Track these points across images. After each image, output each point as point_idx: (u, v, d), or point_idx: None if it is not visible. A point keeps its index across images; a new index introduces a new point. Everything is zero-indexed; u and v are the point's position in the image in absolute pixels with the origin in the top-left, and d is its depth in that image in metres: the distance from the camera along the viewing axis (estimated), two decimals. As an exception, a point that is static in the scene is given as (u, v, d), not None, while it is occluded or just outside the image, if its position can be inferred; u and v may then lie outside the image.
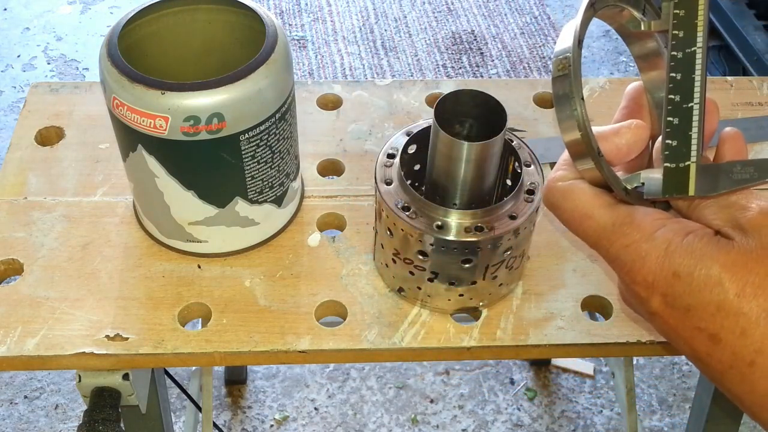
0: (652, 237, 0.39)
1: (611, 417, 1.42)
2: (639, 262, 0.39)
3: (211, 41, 0.71)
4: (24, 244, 0.71)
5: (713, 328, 0.37)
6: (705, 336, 0.38)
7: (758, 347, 0.36)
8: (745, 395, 0.38)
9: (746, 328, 0.36)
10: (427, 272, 0.63)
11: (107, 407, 0.66)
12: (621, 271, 0.41)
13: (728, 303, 0.37)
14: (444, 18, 2.28)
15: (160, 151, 0.62)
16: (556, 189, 0.43)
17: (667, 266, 0.38)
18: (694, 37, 0.43)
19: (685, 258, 0.38)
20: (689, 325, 0.38)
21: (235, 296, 0.68)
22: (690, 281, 0.38)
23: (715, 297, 0.37)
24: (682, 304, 0.38)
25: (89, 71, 2.13)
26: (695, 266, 0.38)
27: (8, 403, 1.43)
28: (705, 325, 0.38)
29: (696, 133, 0.42)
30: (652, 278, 0.39)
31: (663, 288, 0.39)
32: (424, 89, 0.87)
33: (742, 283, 0.37)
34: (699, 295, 0.37)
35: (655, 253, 0.39)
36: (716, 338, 0.37)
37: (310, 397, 1.44)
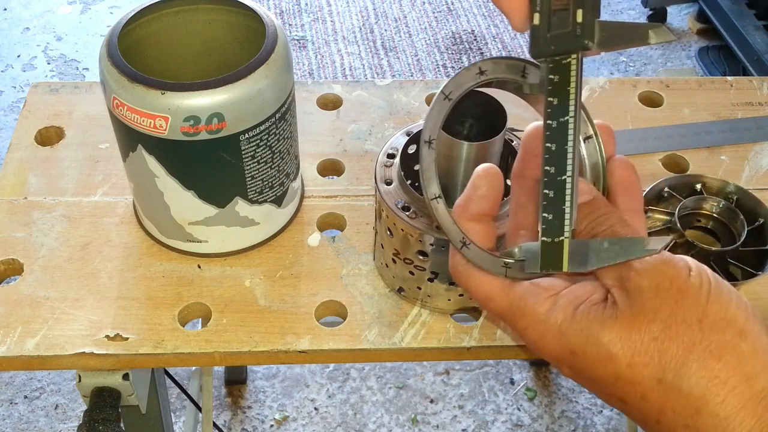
0: (545, 319, 0.42)
1: (611, 417, 1.42)
2: (541, 342, 0.42)
3: (211, 41, 0.71)
4: (24, 244, 0.71)
5: (619, 394, 0.40)
6: (615, 399, 0.41)
7: (659, 408, 0.39)
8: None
9: (644, 394, 0.39)
10: (427, 272, 0.63)
11: (107, 407, 0.66)
12: (529, 347, 0.44)
13: (623, 374, 0.39)
14: (444, 18, 2.29)
15: (160, 151, 0.62)
16: (457, 272, 0.45)
17: (564, 345, 0.41)
18: (567, 106, 0.42)
19: (576, 337, 0.41)
20: (599, 391, 0.42)
21: (235, 296, 0.68)
22: (585, 358, 0.40)
23: (611, 370, 0.40)
24: (587, 376, 0.41)
25: (89, 71, 2.13)
26: (586, 344, 0.40)
27: (8, 403, 1.43)
28: (611, 391, 0.41)
29: (569, 208, 0.42)
30: (555, 355, 0.42)
31: (567, 362, 0.42)
32: (424, 89, 0.87)
33: (630, 353, 0.39)
34: (597, 370, 0.40)
35: (551, 334, 0.42)
36: (624, 401, 0.40)
37: (310, 397, 1.44)
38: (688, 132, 0.83)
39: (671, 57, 2.18)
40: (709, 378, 0.38)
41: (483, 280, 0.44)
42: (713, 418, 0.38)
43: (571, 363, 0.41)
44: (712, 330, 0.39)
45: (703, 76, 1.80)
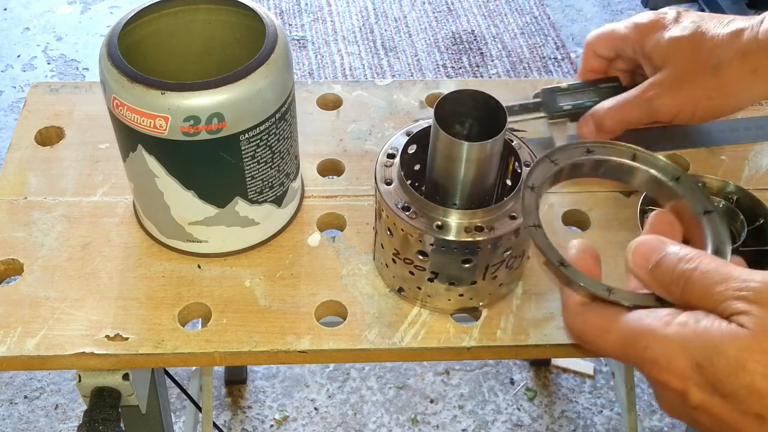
0: (665, 335, 0.40)
1: (611, 417, 1.42)
2: (663, 361, 0.40)
3: (211, 41, 0.71)
4: (24, 244, 0.71)
5: (756, 408, 0.38)
6: (752, 418, 0.38)
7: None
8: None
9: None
10: (427, 272, 0.63)
11: (107, 407, 0.66)
12: (651, 371, 0.41)
13: (757, 385, 0.37)
14: (444, 18, 2.29)
15: (160, 151, 0.62)
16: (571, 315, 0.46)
17: (688, 359, 0.39)
18: None
19: (701, 349, 0.39)
20: (732, 409, 0.39)
21: (235, 296, 0.68)
22: (713, 370, 0.38)
23: (743, 381, 0.37)
24: (718, 392, 0.39)
25: (89, 71, 2.13)
26: (713, 355, 0.38)
27: (8, 403, 1.43)
28: (746, 407, 0.38)
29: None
30: (680, 372, 0.40)
31: (695, 380, 0.39)
32: (424, 89, 0.87)
33: (762, 363, 0.37)
34: (728, 382, 0.38)
35: (672, 349, 0.40)
36: (761, 417, 0.38)
37: (310, 397, 1.44)
38: (688, 132, 0.83)
39: (671, 57, 2.18)
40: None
41: (596, 314, 0.44)
42: None
43: (699, 380, 0.39)
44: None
45: (703, 76, 1.79)
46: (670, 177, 0.50)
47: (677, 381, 0.40)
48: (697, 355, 0.39)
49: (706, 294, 0.40)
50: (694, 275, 0.41)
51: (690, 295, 0.41)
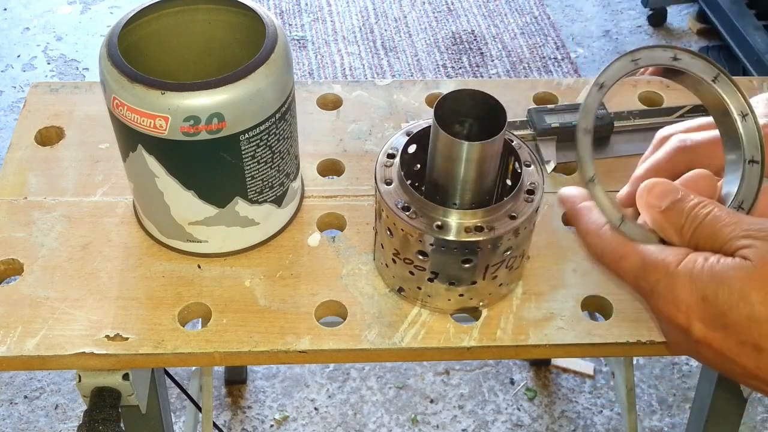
0: (676, 270, 0.42)
1: (611, 417, 1.42)
2: (671, 294, 0.42)
3: (211, 41, 0.71)
4: (24, 244, 0.71)
5: (753, 338, 0.39)
6: (749, 349, 0.40)
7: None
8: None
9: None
10: (427, 272, 0.63)
11: (107, 407, 0.66)
12: (658, 304, 0.43)
13: (757, 312, 0.39)
14: (444, 18, 2.29)
15: (160, 151, 0.62)
16: (592, 239, 0.47)
17: (695, 292, 0.41)
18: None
19: (708, 282, 0.40)
20: (732, 342, 0.40)
21: (235, 296, 0.68)
22: (716, 303, 0.40)
23: (744, 310, 0.39)
24: (719, 324, 0.40)
25: (89, 71, 2.13)
26: (718, 288, 0.40)
27: (8, 403, 1.43)
28: (745, 338, 0.40)
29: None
30: (685, 307, 0.41)
31: (698, 313, 0.41)
32: (424, 89, 0.87)
33: (764, 292, 0.39)
34: (730, 313, 0.39)
35: (681, 282, 0.42)
36: (759, 347, 0.39)
37: (310, 397, 1.44)
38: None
39: (671, 57, 2.18)
40: None
41: (616, 238, 0.45)
42: None
43: (702, 312, 0.41)
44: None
45: (703, 76, 1.79)
46: (738, 112, 0.50)
47: (682, 316, 0.42)
48: (703, 289, 0.41)
49: (715, 235, 0.42)
50: (706, 219, 0.43)
51: (699, 237, 0.43)
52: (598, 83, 0.49)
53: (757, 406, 1.44)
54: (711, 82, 0.49)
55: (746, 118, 0.49)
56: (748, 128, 0.49)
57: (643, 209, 0.46)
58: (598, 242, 0.47)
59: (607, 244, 0.46)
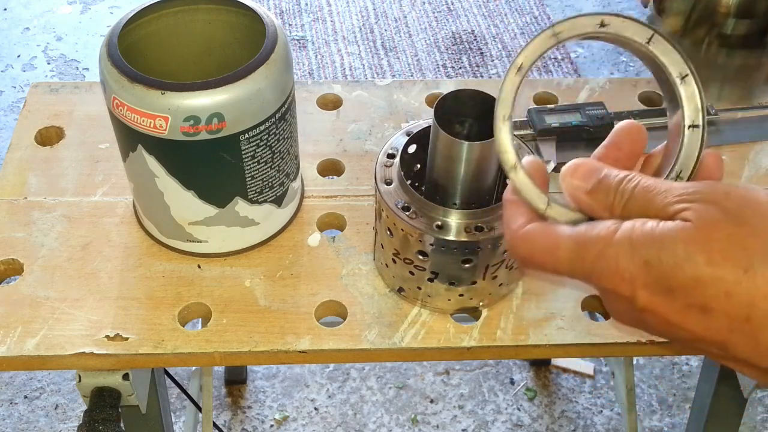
0: (613, 241, 0.41)
1: (611, 417, 1.42)
2: (612, 266, 0.40)
3: (211, 41, 0.71)
4: (24, 244, 0.71)
5: (700, 300, 0.38)
6: (695, 311, 0.38)
7: (747, 301, 0.37)
8: (753, 355, 0.38)
9: (729, 290, 0.37)
10: (427, 272, 0.63)
11: (107, 407, 0.66)
12: (600, 280, 0.42)
13: (703, 274, 0.37)
14: (444, 18, 2.28)
15: (160, 151, 0.62)
16: (517, 242, 0.45)
17: (637, 258, 0.39)
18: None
19: (649, 246, 0.39)
20: (678, 306, 0.39)
21: (235, 296, 0.68)
22: (660, 266, 0.38)
23: (689, 271, 0.38)
24: (663, 288, 0.39)
25: (89, 71, 2.13)
26: (660, 250, 0.39)
27: (8, 403, 1.43)
28: (691, 300, 0.38)
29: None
30: (628, 274, 0.40)
31: (642, 279, 0.39)
32: (424, 89, 0.87)
33: (708, 250, 0.37)
34: (674, 275, 0.38)
35: (623, 250, 0.40)
36: (706, 308, 0.38)
37: (310, 397, 1.44)
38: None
39: (671, 57, 2.18)
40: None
41: (541, 233, 0.43)
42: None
43: (645, 277, 0.39)
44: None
45: (703, 76, 1.79)
46: (677, 74, 0.46)
47: (625, 285, 0.40)
48: (645, 254, 0.39)
49: (648, 205, 0.41)
50: (635, 191, 0.42)
51: (631, 210, 0.42)
52: (516, 65, 0.46)
53: (757, 406, 1.44)
54: (646, 44, 0.45)
55: (686, 80, 0.45)
56: (689, 90, 0.45)
57: (569, 193, 0.44)
58: (525, 244, 0.44)
59: (536, 242, 0.44)
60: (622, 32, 0.46)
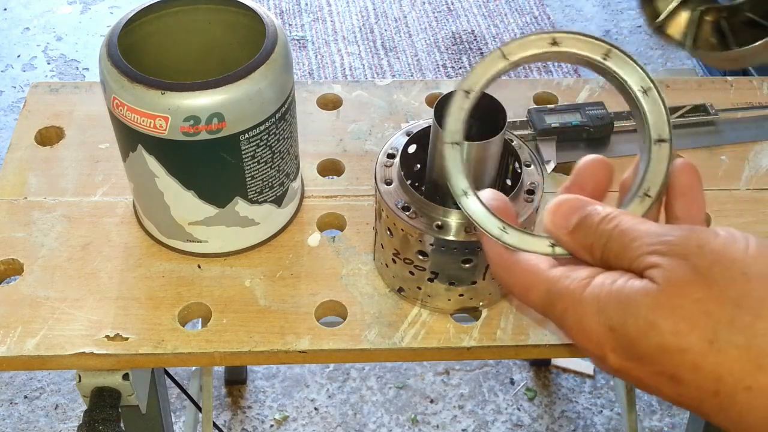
0: (582, 298, 0.39)
1: (611, 417, 1.42)
2: (579, 325, 0.39)
3: (211, 41, 0.71)
4: (24, 244, 0.71)
5: (669, 369, 0.36)
6: (666, 378, 0.37)
7: (715, 376, 0.35)
8: (727, 425, 0.37)
9: (696, 363, 0.35)
10: (427, 272, 0.63)
11: (107, 407, 0.66)
12: (569, 334, 0.41)
13: (668, 343, 0.36)
14: (444, 18, 2.28)
15: (160, 151, 0.62)
16: (498, 265, 0.43)
17: (603, 322, 0.38)
18: None
19: (614, 311, 0.37)
20: (648, 371, 0.37)
21: (235, 296, 0.68)
22: (626, 333, 0.37)
23: (654, 341, 0.36)
24: (632, 355, 0.37)
25: (89, 71, 2.13)
26: (625, 316, 0.37)
27: (8, 403, 1.43)
28: (661, 369, 0.37)
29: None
30: (595, 337, 0.38)
31: (610, 344, 0.38)
32: (424, 89, 0.87)
33: (672, 319, 0.36)
34: (640, 344, 0.37)
35: (589, 312, 0.38)
36: (676, 378, 0.36)
37: (310, 397, 1.44)
38: (688, 132, 0.83)
39: (671, 57, 2.18)
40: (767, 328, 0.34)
41: (523, 270, 0.42)
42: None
43: (613, 344, 0.38)
44: (760, 280, 0.35)
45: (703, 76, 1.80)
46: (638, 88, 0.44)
47: (593, 347, 0.39)
48: (610, 318, 0.37)
49: (624, 251, 0.39)
50: (614, 233, 0.40)
51: (609, 253, 0.40)
52: (464, 88, 0.44)
53: (757, 406, 1.43)
54: (602, 60, 0.43)
55: (648, 93, 0.43)
56: (651, 103, 0.43)
57: (551, 232, 0.42)
58: (504, 274, 0.43)
59: (515, 275, 0.42)
60: (575, 50, 0.44)
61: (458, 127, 0.44)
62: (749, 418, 0.35)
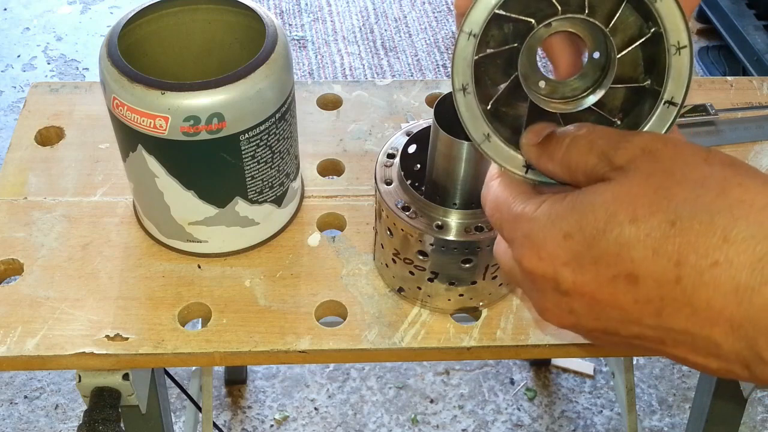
0: (534, 215, 0.37)
1: (611, 417, 1.42)
2: (530, 242, 0.37)
3: (211, 41, 0.71)
4: (24, 244, 0.71)
5: (626, 267, 0.34)
6: (623, 282, 0.34)
7: (677, 258, 0.33)
8: (691, 325, 0.34)
9: (657, 247, 0.33)
10: (427, 272, 0.63)
11: (107, 407, 0.66)
12: (522, 261, 0.38)
13: (626, 234, 0.34)
14: (444, 18, 2.28)
15: (160, 151, 0.62)
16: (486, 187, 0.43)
17: (556, 232, 0.36)
18: None
19: (569, 216, 0.36)
20: (603, 279, 0.35)
21: (235, 296, 0.68)
22: (582, 234, 0.35)
23: (612, 235, 0.34)
24: (587, 261, 0.35)
25: (89, 71, 2.13)
26: (581, 218, 0.35)
27: (8, 403, 1.43)
28: (617, 270, 0.34)
29: None
30: (546, 253, 0.36)
31: (563, 256, 0.36)
32: (424, 89, 0.87)
33: (631, 207, 0.34)
34: (597, 243, 0.34)
35: (541, 225, 0.37)
36: (633, 277, 0.34)
37: (310, 397, 1.44)
38: (688, 132, 0.83)
39: (671, 57, 2.18)
40: (732, 203, 0.33)
41: (497, 193, 0.41)
42: (747, 242, 0.32)
43: (567, 253, 0.35)
44: (722, 166, 0.34)
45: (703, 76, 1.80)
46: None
47: (544, 265, 0.36)
48: (564, 226, 0.36)
49: (588, 150, 0.38)
50: (579, 133, 0.39)
51: (572, 153, 0.39)
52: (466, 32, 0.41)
53: (757, 407, 1.44)
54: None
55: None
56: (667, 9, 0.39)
57: (524, 152, 0.42)
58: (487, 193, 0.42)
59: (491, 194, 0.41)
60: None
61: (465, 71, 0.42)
62: (716, 298, 0.32)
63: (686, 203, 0.33)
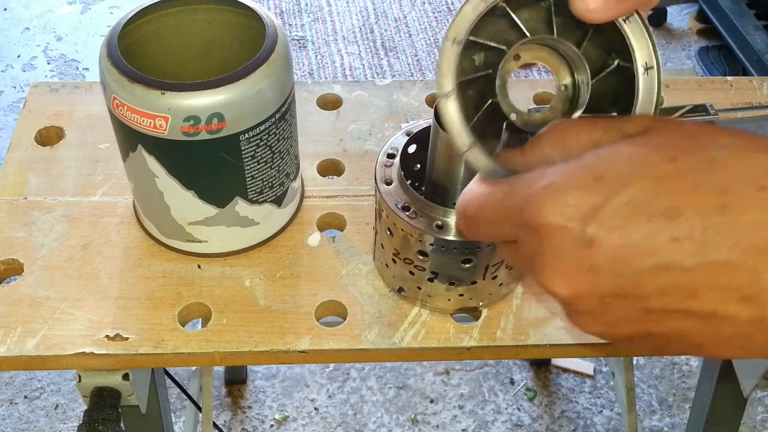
0: (547, 172, 0.34)
1: (611, 417, 1.42)
2: (551, 193, 0.33)
3: (211, 41, 0.71)
4: (24, 244, 0.71)
5: (664, 203, 0.31)
6: (661, 219, 0.31)
7: (721, 188, 0.31)
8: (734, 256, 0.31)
9: (698, 180, 0.31)
10: (427, 272, 0.63)
11: (107, 407, 0.66)
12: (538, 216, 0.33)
13: (664, 171, 0.32)
14: (444, 18, 2.28)
15: (160, 151, 0.62)
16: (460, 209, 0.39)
17: (586, 176, 0.33)
18: None
19: (596, 162, 0.33)
20: (639, 219, 0.31)
21: (235, 296, 0.68)
22: (616, 175, 0.32)
23: (650, 172, 0.32)
24: (620, 203, 0.32)
25: (89, 71, 2.13)
26: (611, 163, 0.33)
27: (8, 403, 1.43)
28: (655, 207, 0.31)
29: None
30: (573, 198, 0.32)
31: (594, 199, 0.32)
32: (424, 89, 0.87)
33: (667, 150, 0.32)
34: (632, 184, 0.32)
35: (562, 174, 0.34)
36: (673, 211, 0.31)
37: (310, 397, 1.44)
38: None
39: (671, 57, 2.18)
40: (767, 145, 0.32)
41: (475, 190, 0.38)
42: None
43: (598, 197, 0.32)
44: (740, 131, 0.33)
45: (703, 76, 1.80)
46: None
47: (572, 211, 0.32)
48: (593, 167, 0.33)
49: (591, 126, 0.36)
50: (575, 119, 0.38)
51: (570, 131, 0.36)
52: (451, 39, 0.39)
53: (757, 406, 1.44)
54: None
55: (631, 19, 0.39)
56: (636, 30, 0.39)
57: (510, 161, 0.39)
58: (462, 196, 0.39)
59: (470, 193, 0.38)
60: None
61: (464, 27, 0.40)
62: (764, 221, 0.30)
63: (724, 147, 0.32)
